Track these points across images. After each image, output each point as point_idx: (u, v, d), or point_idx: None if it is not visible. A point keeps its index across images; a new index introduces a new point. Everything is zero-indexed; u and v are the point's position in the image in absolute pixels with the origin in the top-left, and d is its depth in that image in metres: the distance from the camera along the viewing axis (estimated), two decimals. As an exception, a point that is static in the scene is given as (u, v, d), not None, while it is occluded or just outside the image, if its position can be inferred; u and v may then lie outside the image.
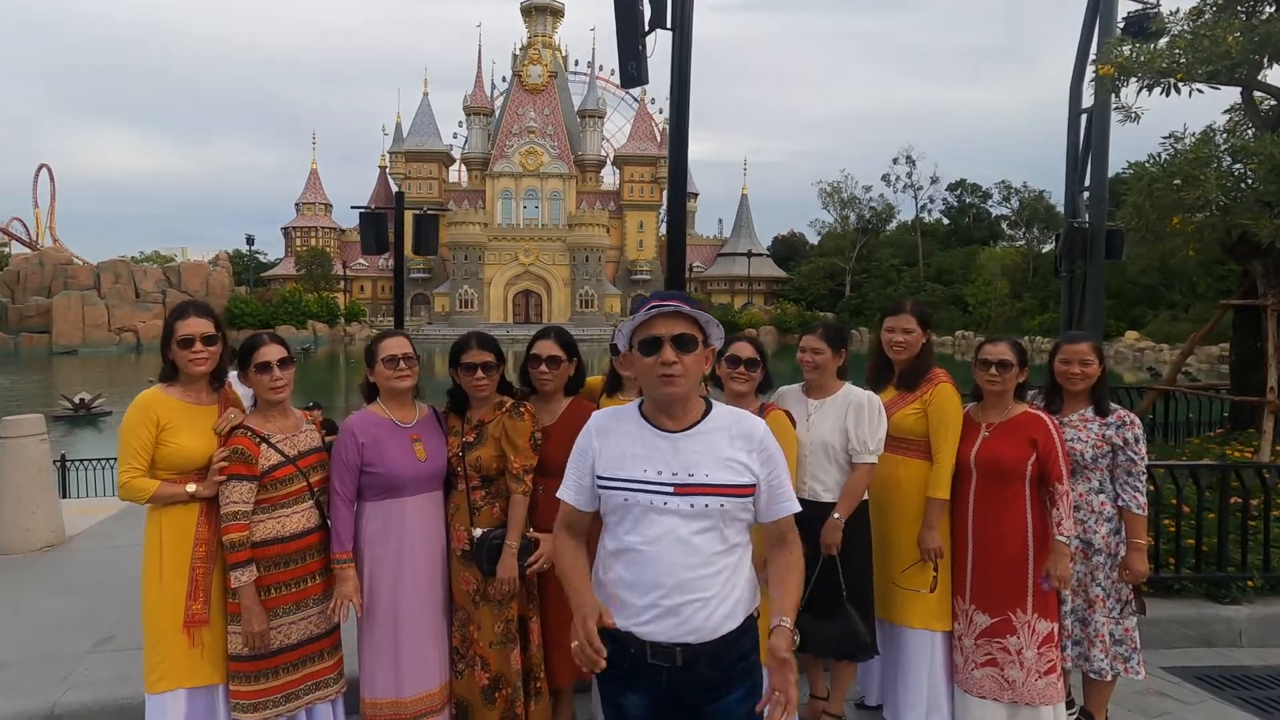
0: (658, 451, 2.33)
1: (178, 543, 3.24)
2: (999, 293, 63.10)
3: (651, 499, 2.31)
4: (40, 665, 4.40)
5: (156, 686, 3.23)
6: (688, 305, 2.34)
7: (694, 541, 2.29)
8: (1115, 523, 3.81)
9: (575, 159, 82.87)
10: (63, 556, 6.44)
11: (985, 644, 3.68)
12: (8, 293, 68.02)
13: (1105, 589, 3.81)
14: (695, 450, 2.32)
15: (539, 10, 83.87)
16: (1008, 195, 77.06)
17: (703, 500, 2.29)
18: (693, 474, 2.30)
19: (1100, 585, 3.80)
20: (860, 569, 3.74)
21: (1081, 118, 10.35)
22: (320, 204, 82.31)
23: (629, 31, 5.34)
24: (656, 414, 2.39)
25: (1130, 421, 3.79)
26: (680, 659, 2.29)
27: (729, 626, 2.33)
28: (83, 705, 3.99)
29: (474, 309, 76.78)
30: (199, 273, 73.73)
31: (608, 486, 2.37)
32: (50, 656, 4.50)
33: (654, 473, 2.32)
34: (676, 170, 5.47)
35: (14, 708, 3.95)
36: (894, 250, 76.94)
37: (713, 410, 2.43)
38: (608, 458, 2.38)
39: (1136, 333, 50.66)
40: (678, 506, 2.29)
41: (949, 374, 3.89)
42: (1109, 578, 3.81)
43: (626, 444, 2.37)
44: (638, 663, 2.33)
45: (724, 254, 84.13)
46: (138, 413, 3.23)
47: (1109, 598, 3.82)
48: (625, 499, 2.34)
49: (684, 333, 2.30)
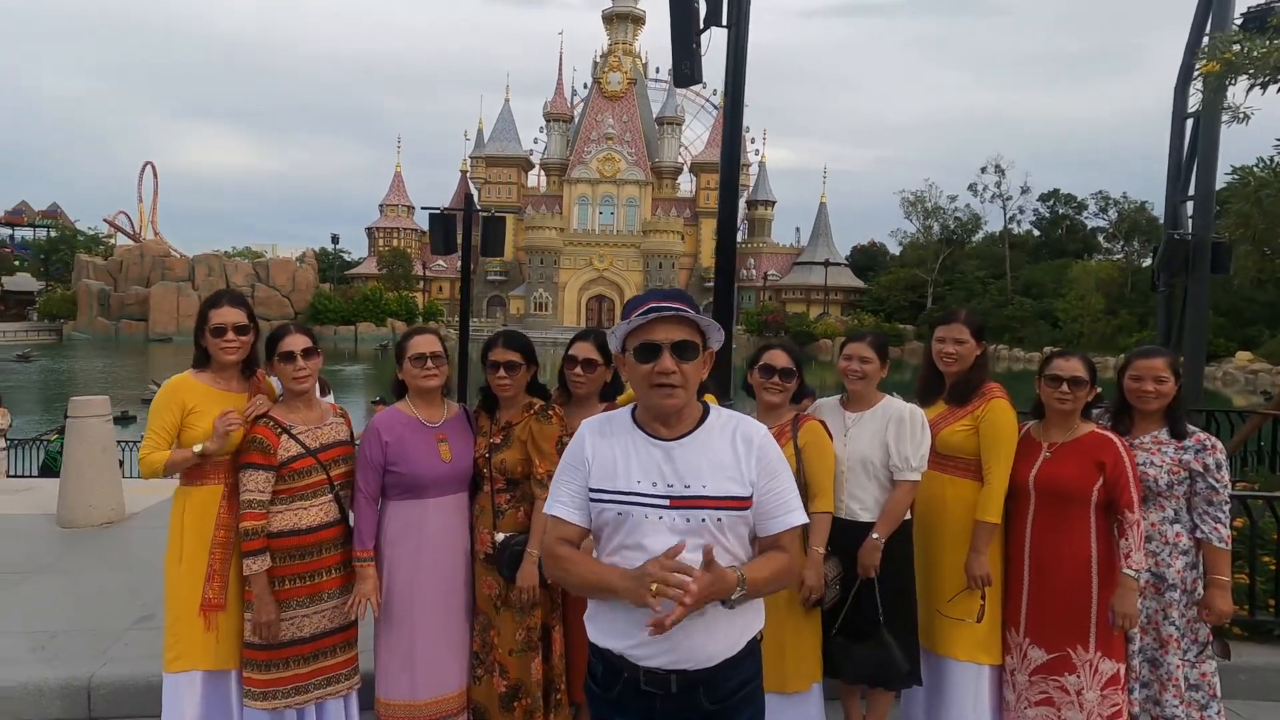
0: (651, 461, 2.18)
1: (199, 526, 3.27)
2: (1092, 308, 60.52)
3: (645, 512, 2.15)
4: (85, 637, 4.55)
5: (173, 665, 3.27)
6: (689, 307, 2.17)
7: (690, 558, 2.08)
8: (1193, 556, 3.48)
9: (652, 166, 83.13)
10: (120, 533, 6.67)
11: (1040, 681, 3.42)
12: (111, 281, 72.26)
13: (1180, 628, 3.47)
14: (691, 459, 2.16)
15: (620, 18, 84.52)
16: (1105, 206, 73.94)
17: (699, 514, 2.14)
18: (689, 485, 2.15)
19: (1174, 624, 3.47)
20: (900, 592, 3.52)
21: (1187, 122, 9.74)
22: (403, 206, 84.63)
23: (683, 30, 5.24)
24: (651, 421, 2.23)
25: (1211, 446, 3.44)
26: (675, 686, 2.13)
27: (729, 653, 2.17)
28: (117, 679, 4.10)
29: (548, 312, 77.74)
30: (286, 268, 76.91)
31: (599, 499, 2.20)
32: (95, 629, 4.65)
33: (648, 484, 2.16)
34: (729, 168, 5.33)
35: (58, 675, 4.11)
36: (980, 262, 74.71)
37: (709, 415, 2.26)
38: (600, 468, 2.21)
39: (1250, 354, 47.62)
40: (673, 521, 2.13)
41: (1004, 389, 3.63)
42: (1184, 616, 3.47)
43: (619, 453, 2.21)
44: (629, 688, 2.17)
45: (800, 262, 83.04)
46: (166, 395, 3.28)
47: (1184, 638, 3.48)
48: (619, 513, 2.17)
49: (685, 339, 2.14)
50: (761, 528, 2.20)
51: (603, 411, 3.48)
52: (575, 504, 2.24)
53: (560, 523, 2.25)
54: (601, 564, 2.19)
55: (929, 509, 3.65)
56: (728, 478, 2.15)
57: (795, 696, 3.44)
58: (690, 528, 2.13)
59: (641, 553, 2.13)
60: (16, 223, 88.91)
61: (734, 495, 2.15)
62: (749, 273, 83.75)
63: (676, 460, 2.16)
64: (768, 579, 2.15)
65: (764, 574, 2.14)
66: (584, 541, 2.27)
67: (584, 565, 2.20)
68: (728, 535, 2.15)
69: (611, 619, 2.19)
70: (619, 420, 2.29)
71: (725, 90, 5.25)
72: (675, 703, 2.14)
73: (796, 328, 70.59)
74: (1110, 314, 59.55)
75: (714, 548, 2.05)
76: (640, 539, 2.14)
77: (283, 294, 74.44)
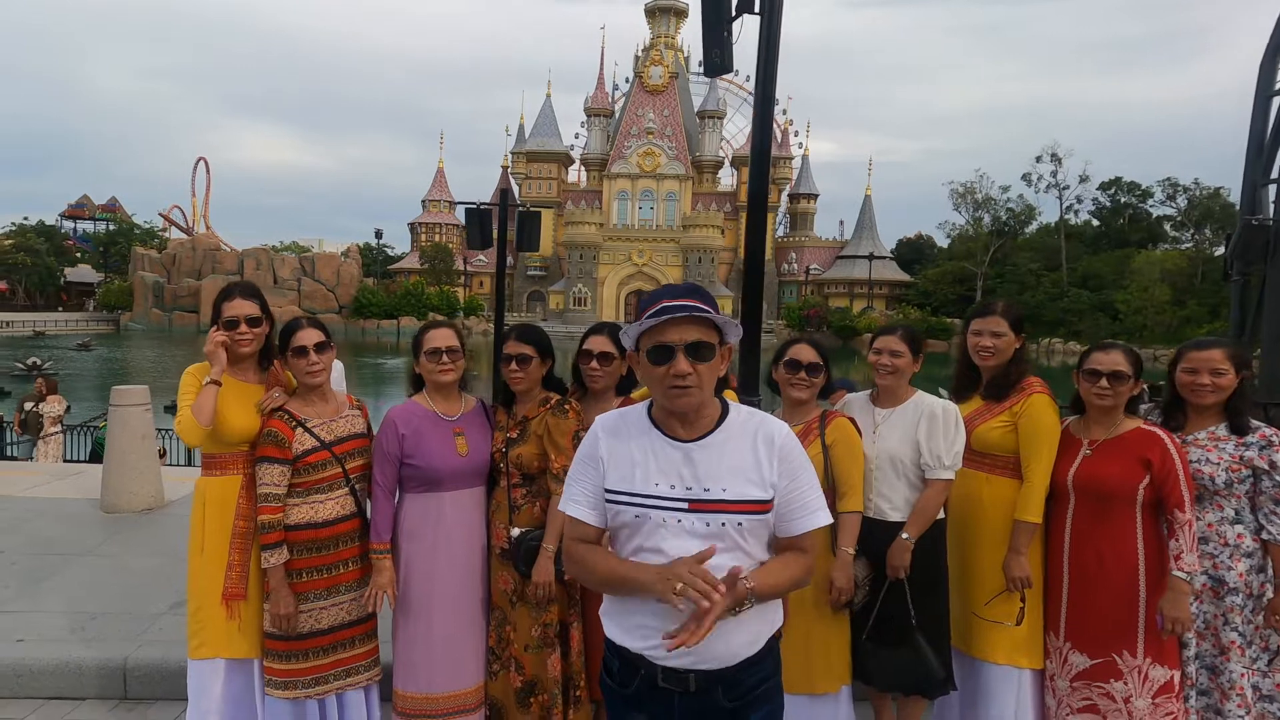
0: (670, 463, 2.11)
1: (220, 516, 3.28)
2: (1157, 299, 58.47)
3: (664, 516, 2.09)
4: (123, 620, 4.66)
5: (198, 653, 3.30)
6: (704, 303, 2.07)
7: (711, 563, 2.04)
8: (1259, 559, 3.24)
9: (693, 160, 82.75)
10: (159, 519, 6.82)
11: (1083, 688, 3.26)
12: (164, 273, 74.32)
13: (1245, 635, 3.24)
14: (710, 461, 2.10)
15: (663, 11, 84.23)
16: (1173, 194, 71.00)
17: (719, 519, 2.08)
18: (708, 488, 2.09)
19: (1237, 630, 3.23)
20: (932, 595, 3.39)
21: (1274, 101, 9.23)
22: (445, 201, 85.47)
23: (714, 18, 5.15)
24: (668, 420, 2.16)
25: (1278, 441, 3.20)
26: (694, 684, 2.10)
27: (748, 652, 2.12)
28: (151, 663, 4.18)
29: (587, 307, 77.89)
30: (331, 263, 78.23)
31: (616, 501, 2.15)
32: (132, 613, 4.76)
33: (666, 487, 2.10)
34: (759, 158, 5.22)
35: (96, 656, 4.22)
36: (1033, 254, 72.70)
37: (729, 414, 2.18)
38: (617, 469, 2.16)
39: None
40: (692, 525, 2.08)
41: (1045, 384, 3.48)
42: (1249, 622, 3.24)
43: (636, 454, 2.15)
44: (647, 685, 2.13)
45: (844, 256, 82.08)
46: (187, 379, 3.29)
47: (1250, 645, 3.25)
48: (636, 515, 2.12)
49: (700, 340, 2.06)
50: (782, 529, 2.14)
51: (619, 405, 3.40)
52: (590, 504, 2.19)
53: (577, 523, 2.21)
54: (623, 562, 2.14)
55: (965, 508, 3.52)
56: (748, 480, 2.09)
57: (824, 698, 3.36)
58: (710, 532, 2.07)
59: (661, 556, 2.08)
60: (79, 216, 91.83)
61: (754, 499, 2.09)
62: (790, 266, 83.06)
63: (696, 462, 2.10)
64: (780, 585, 2.10)
65: (776, 581, 2.09)
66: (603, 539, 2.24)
67: (606, 562, 2.16)
68: (748, 539, 2.10)
69: (630, 616, 2.14)
70: (635, 418, 2.22)
71: (756, 78, 5.14)
72: (693, 701, 2.11)
73: (839, 322, 69.81)
74: (1178, 305, 57.49)
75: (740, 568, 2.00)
76: (659, 543, 2.09)
77: (328, 288, 75.75)
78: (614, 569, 2.12)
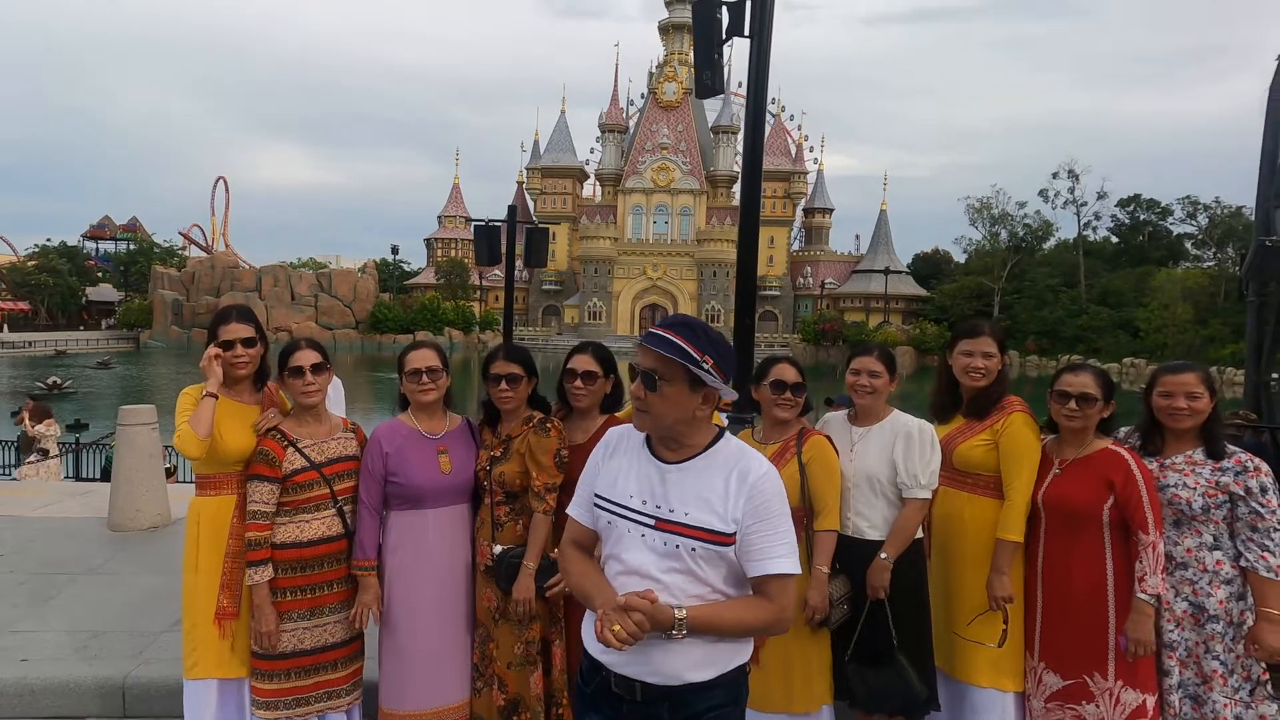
0: (646, 480, 2.23)
1: (214, 535, 3.33)
2: (1178, 318, 57.90)
3: (629, 526, 2.23)
4: (124, 638, 4.70)
5: (192, 673, 3.34)
6: (683, 339, 2.11)
7: (664, 580, 2.15)
8: (1238, 586, 3.20)
9: (707, 174, 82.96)
10: (164, 537, 6.86)
11: (1056, 709, 3.27)
12: (184, 291, 75.30)
13: (1226, 664, 3.19)
14: (682, 485, 2.19)
15: (676, 28, 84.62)
16: (1193, 212, 70.44)
17: (674, 540, 2.16)
18: (673, 510, 2.17)
19: (1219, 659, 3.19)
20: (914, 615, 3.40)
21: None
22: (461, 217, 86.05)
23: (706, 41, 5.22)
24: (658, 441, 2.27)
25: (1254, 468, 3.17)
26: (639, 695, 2.18)
27: (695, 676, 2.15)
28: (150, 680, 4.21)
29: (602, 321, 78.12)
30: (348, 279, 79.01)
31: (599, 505, 2.31)
32: (134, 631, 4.80)
33: (639, 501, 2.22)
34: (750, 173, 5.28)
35: (96, 673, 4.26)
36: (1050, 270, 72.11)
37: (718, 444, 2.23)
38: (605, 476, 2.32)
39: None
40: (653, 542, 2.18)
41: (1025, 402, 3.50)
42: (1230, 651, 3.19)
43: (623, 466, 2.30)
44: (603, 688, 2.23)
45: (859, 270, 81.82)
46: (183, 400, 3.34)
47: (1232, 674, 3.20)
48: (609, 521, 2.27)
49: (650, 369, 2.14)
50: (745, 568, 2.16)
51: (603, 424, 3.47)
52: (585, 506, 2.36)
53: (572, 522, 2.39)
54: (591, 575, 2.28)
55: (947, 528, 3.53)
56: (711, 510, 2.14)
57: (804, 718, 3.37)
58: (668, 551, 2.16)
59: (619, 565, 2.22)
60: (100, 236, 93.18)
61: (712, 529, 2.13)
62: (805, 281, 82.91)
63: (669, 484, 2.19)
64: (721, 622, 2.12)
65: (717, 616, 2.11)
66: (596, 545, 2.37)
67: (576, 569, 2.32)
68: (703, 567, 2.15)
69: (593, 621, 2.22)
70: (635, 435, 2.34)
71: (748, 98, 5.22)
72: (639, 711, 2.19)
73: (855, 336, 69.52)
74: (1200, 324, 56.86)
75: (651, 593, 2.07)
76: (621, 552, 2.22)
77: (344, 304, 76.44)
78: (580, 581, 2.29)
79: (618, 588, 2.18)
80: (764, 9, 5.12)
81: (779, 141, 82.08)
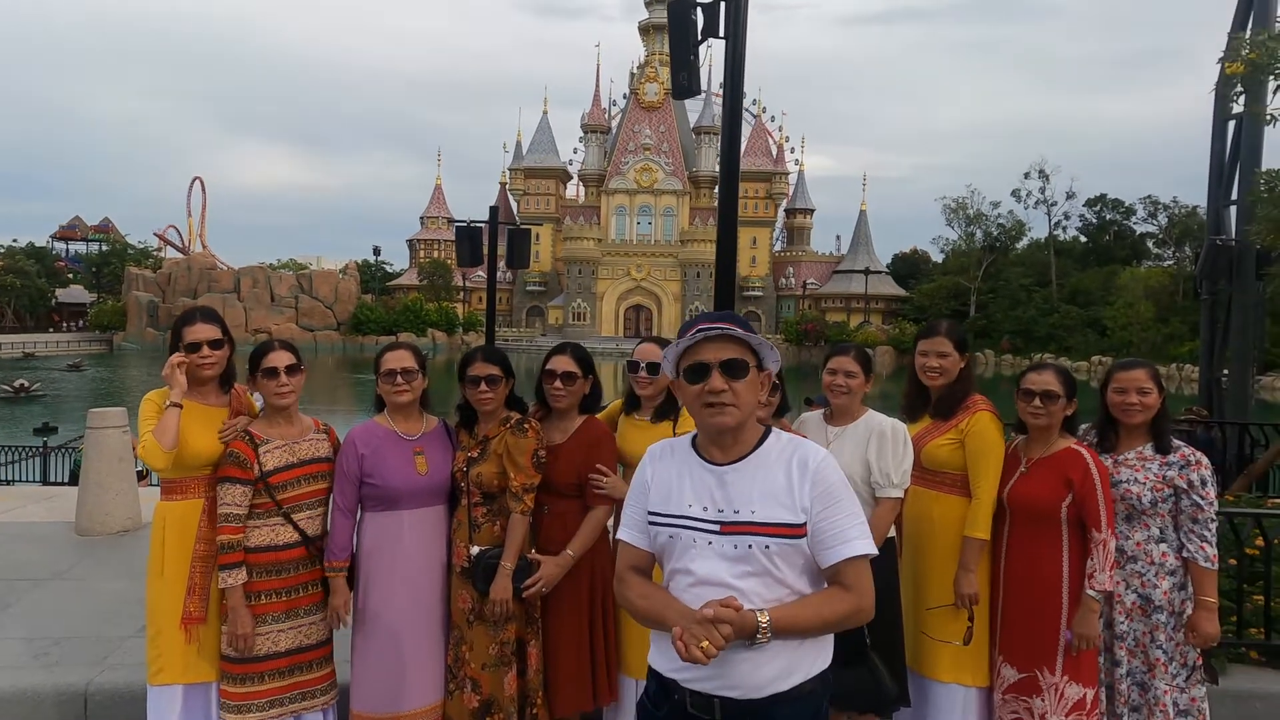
0: (703, 486, 2.15)
1: (180, 539, 3.29)
2: (1142, 316, 58.94)
3: (694, 537, 2.12)
4: (87, 644, 4.60)
5: (156, 679, 3.30)
6: (739, 327, 2.13)
7: (740, 586, 2.05)
8: (1180, 577, 3.36)
9: (690, 175, 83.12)
10: (133, 541, 6.72)
11: (1012, 701, 3.36)
12: (159, 293, 74.44)
13: (1168, 652, 3.34)
14: (743, 484, 2.12)
15: (657, 29, 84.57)
16: (1154, 211, 72.06)
17: (747, 541, 2.07)
18: (738, 510, 2.10)
19: (1161, 648, 3.35)
20: (886, 614, 3.38)
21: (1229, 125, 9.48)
22: (443, 218, 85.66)
23: (682, 42, 5.22)
24: (707, 445, 2.21)
25: (1196, 461, 3.33)
26: (719, 713, 2.07)
27: (780, 686, 2.06)
28: (113, 687, 4.13)
29: (586, 322, 78.08)
30: (329, 280, 78.49)
31: (654, 522, 2.21)
32: (98, 637, 4.71)
33: (699, 509, 2.14)
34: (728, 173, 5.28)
35: (56, 681, 4.17)
36: (1024, 269, 73.02)
37: (768, 439, 2.19)
38: (657, 491, 2.22)
39: None
40: (722, 548, 2.09)
41: (990, 401, 3.56)
42: (1172, 639, 3.35)
43: (674, 477, 2.21)
44: (678, 711, 2.13)
45: (840, 271, 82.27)
46: (147, 406, 3.30)
47: (1172, 662, 3.35)
48: (670, 535, 2.17)
49: (734, 358, 2.10)
50: (819, 558, 2.09)
51: (582, 424, 3.52)
52: (638, 527, 2.25)
53: (626, 546, 2.27)
54: (657, 595, 2.18)
55: (917, 527, 3.57)
56: (779, 504, 2.08)
57: None
58: (739, 554, 2.08)
59: (689, 577, 2.11)
60: (70, 237, 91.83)
61: (784, 522, 2.07)
62: (787, 281, 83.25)
63: (729, 485, 2.13)
64: (803, 621, 2.03)
65: (798, 616, 2.02)
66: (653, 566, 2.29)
67: (639, 592, 2.21)
68: (778, 564, 2.07)
69: (663, 638, 2.13)
70: (679, 445, 2.29)
71: (724, 98, 5.22)
72: None
73: (836, 336, 69.90)
74: (1161, 322, 57.93)
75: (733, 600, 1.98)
76: (689, 563, 2.12)
77: (326, 305, 75.91)
78: (647, 603, 2.18)
79: (690, 600, 2.08)
80: (738, 10, 5.14)
81: (760, 142, 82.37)
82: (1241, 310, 9.23)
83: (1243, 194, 9.31)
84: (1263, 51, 6.22)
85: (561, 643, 3.43)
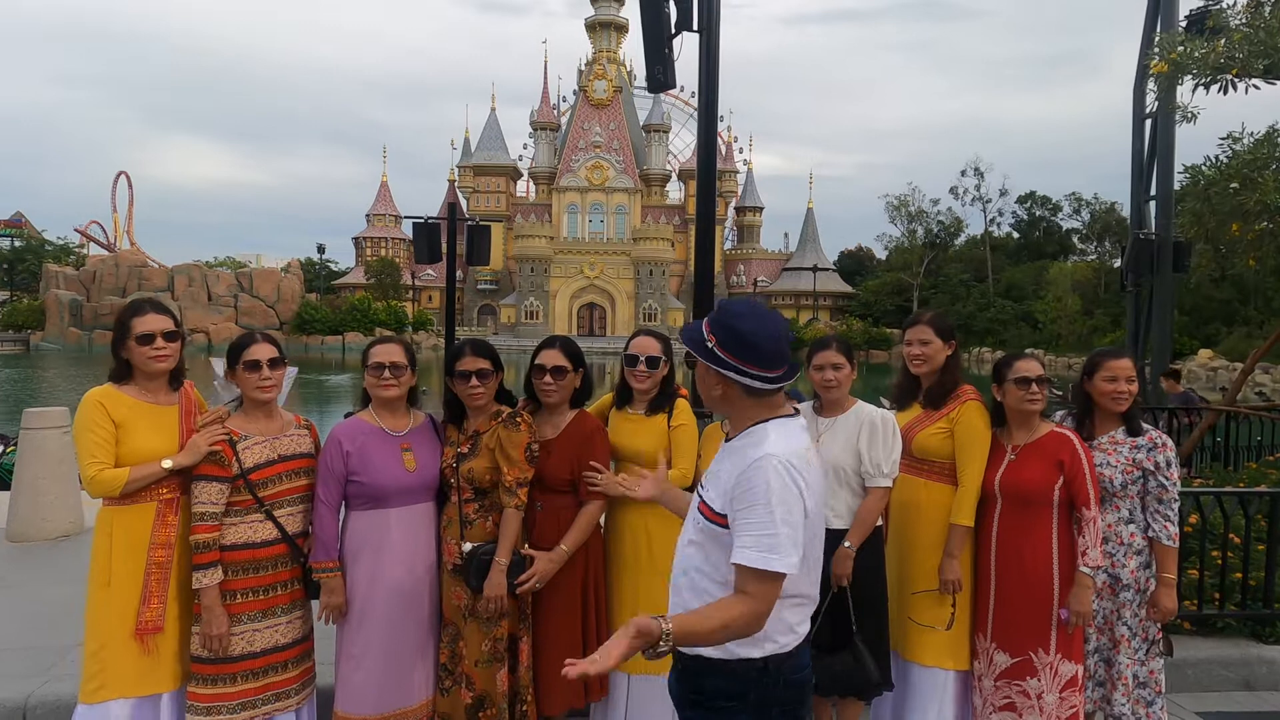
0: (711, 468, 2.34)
1: (130, 547, 3.10)
2: (1069, 309, 60.75)
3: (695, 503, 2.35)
4: (26, 656, 4.38)
5: (94, 696, 3.06)
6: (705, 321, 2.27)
7: (684, 549, 2.25)
8: (1146, 556, 3.50)
9: (640, 173, 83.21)
10: (74, 547, 6.41)
11: (1005, 686, 3.42)
12: (83, 291, 71.22)
13: (1132, 628, 3.50)
14: (717, 465, 2.27)
15: (603, 26, 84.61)
16: (1078, 207, 74.26)
17: (698, 515, 2.24)
18: (705, 486, 2.26)
19: (1126, 624, 3.50)
20: (872, 601, 3.49)
21: (1146, 123, 9.93)
22: (390, 215, 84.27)
23: (655, 35, 5.25)
24: None
25: (1162, 444, 3.47)
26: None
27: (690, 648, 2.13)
28: (56, 699, 3.92)
29: (539, 320, 77.59)
30: (270, 278, 76.28)
31: None
32: (38, 647, 4.48)
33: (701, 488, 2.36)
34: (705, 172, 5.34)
35: None
36: (962, 265, 74.84)
37: (752, 431, 2.20)
38: None
39: (1211, 351, 47.76)
40: (694, 512, 2.29)
41: (978, 391, 3.64)
42: (1136, 616, 3.50)
43: None
44: None
45: (789, 268, 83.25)
46: (91, 410, 3.08)
47: (1135, 637, 3.51)
48: None
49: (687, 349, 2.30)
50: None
51: (574, 418, 3.51)
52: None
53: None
54: None
55: (905, 514, 3.64)
56: (718, 492, 2.17)
57: None
58: (694, 521, 2.26)
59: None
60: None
61: (716, 509, 2.15)
62: (738, 279, 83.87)
63: (716, 463, 2.28)
64: (699, 629, 1.99)
65: (695, 623, 1.99)
66: None
67: None
68: (708, 545, 2.18)
69: None
70: None
71: (699, 94, 5.29)
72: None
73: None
74: (1086, 315, 59.64)
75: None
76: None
77: (267, 304, 73.85)
78: None
79: None
80: (711, 3, 5.19)
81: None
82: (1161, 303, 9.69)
83: (1160, 190, 9.75)
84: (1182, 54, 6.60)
85: (553, 639, 3.41)
